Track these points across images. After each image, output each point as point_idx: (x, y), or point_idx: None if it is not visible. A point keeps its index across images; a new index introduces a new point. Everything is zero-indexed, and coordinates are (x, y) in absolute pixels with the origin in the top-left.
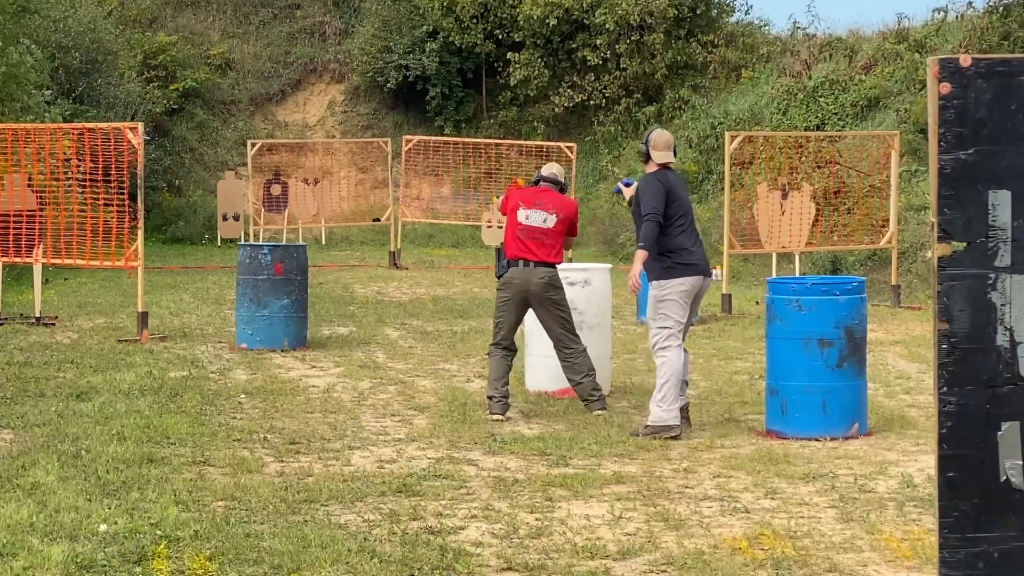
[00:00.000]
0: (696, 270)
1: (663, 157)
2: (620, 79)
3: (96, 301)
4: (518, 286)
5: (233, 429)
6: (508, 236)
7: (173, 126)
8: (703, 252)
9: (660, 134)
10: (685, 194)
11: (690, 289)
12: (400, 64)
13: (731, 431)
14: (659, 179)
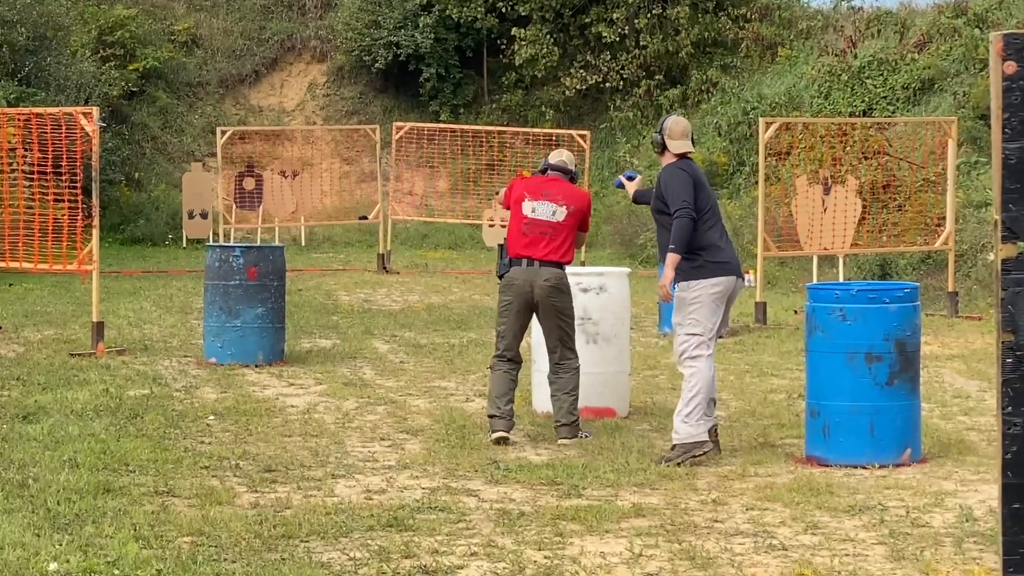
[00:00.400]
0: (729, 269)
1: (681, 147)
2: (639, 58)
3: (45, 310)
4: (520, 288)
5: (201, 455)
6: (511, 231)
7: (132, 111)
8: (734, 250)
9: (676, 121)
10: (709, 184)
11: (723, 291)
12: (390, 41)
13: (766, 457)
14: (683, 168)
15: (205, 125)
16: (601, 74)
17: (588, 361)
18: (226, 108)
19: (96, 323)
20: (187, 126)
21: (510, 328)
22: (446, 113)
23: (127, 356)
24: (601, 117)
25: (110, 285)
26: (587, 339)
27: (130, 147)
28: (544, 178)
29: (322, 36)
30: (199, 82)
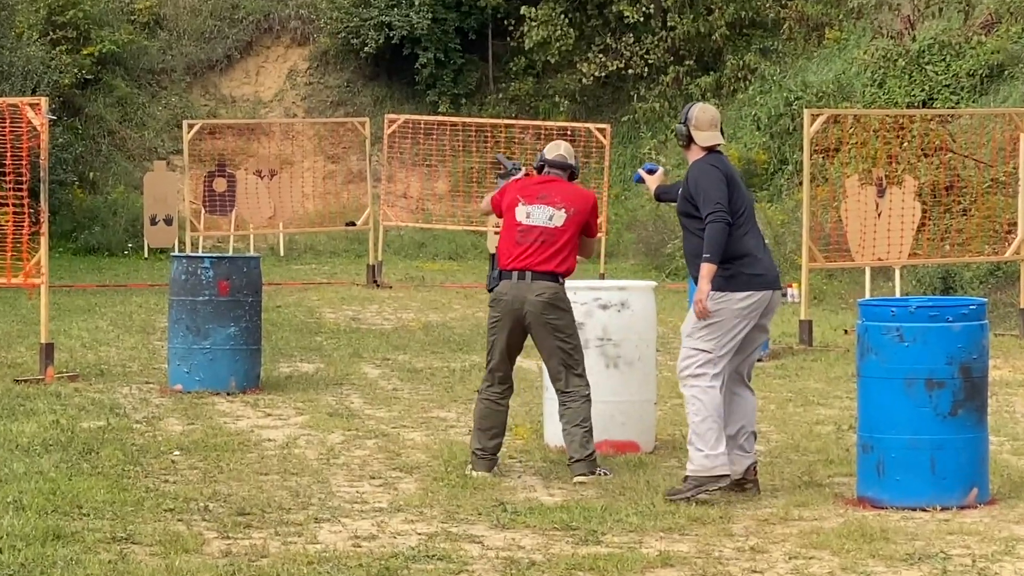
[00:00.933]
0: (764, 281)
1: (709, 138)
2: (667, 41)
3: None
4: (509, 304)
5: (164, 496)
6: (503, 240)
7: (86, 102)
8: (772, 260)
9: (703, 109)
10: (743, 184)
11: (755, 306)
12: (381, 21)
13: (812, 498)
14: (715, 164)
15: (170, 118)
16: (623, 59)
17: (608, 388)
18: (194, 99)
19: (45, 345)
20: (149, 119)
21: (499, 348)
22: (445, 104)
23: (80, 383)
24: (623, 108)
25: (61, 301)
26: (607, 363)
27: (84, 143)
28: (541, 179)
29: (303, 16)
30: (163, 69)
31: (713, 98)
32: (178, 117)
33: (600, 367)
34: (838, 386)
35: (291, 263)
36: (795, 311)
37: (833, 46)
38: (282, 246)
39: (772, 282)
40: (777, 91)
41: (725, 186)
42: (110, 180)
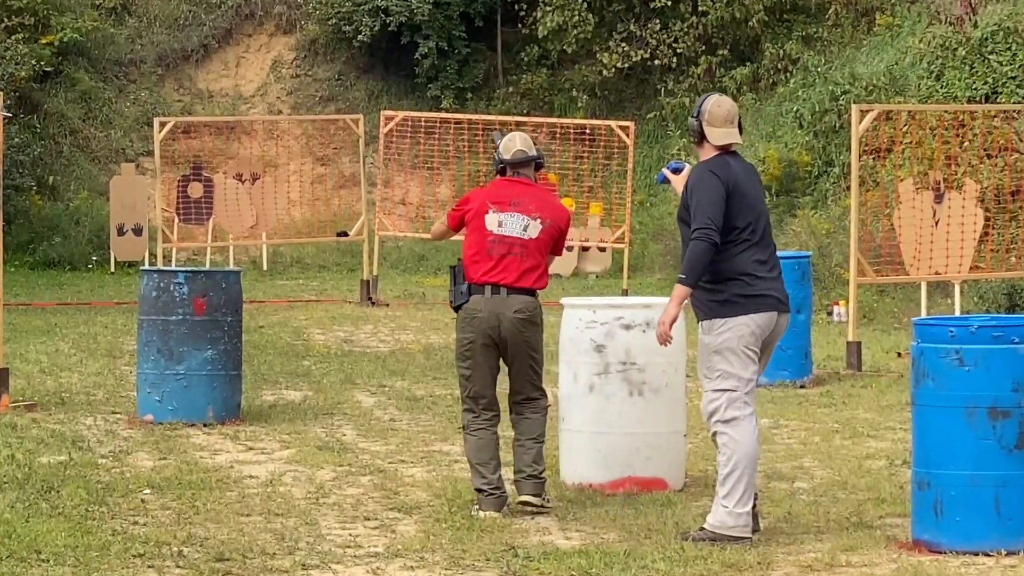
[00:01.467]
0: (766, 304)
1: (723, 136)
2: (698, 28)
3: None
4: (485, 322)
5: (133, 539)
6: (470, 251)
7: (45, 97)
8: (779, 277)
9: (718, 103)
10: (757, 191)
11: (757, 332)
12: (376, 7)
13: (861, 541)
14: (716, 171)
15: (139, 115)
16: (649, 49)
17: (632, 418)
18: (166, 93)
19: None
20: (116, 116)
21: (478, 372)
22: (449, 99)
23: (38, 412)
24: (648, 104)
25: (16, 321)
26: (631, 390)
27: (43, 143)
28: (510, 182)
29: (289, 1)
30: (131, 60)
31: (750, 92)
32: (148, 114)
33: (623, 394)
34: (891, 416)
35: (276, 278)
36: (842, 331)
37: (885, 33)
38: (265, 259)
39: (775, 304)
40: (822, 84)
41: (723, 199)
42: (72, 185)
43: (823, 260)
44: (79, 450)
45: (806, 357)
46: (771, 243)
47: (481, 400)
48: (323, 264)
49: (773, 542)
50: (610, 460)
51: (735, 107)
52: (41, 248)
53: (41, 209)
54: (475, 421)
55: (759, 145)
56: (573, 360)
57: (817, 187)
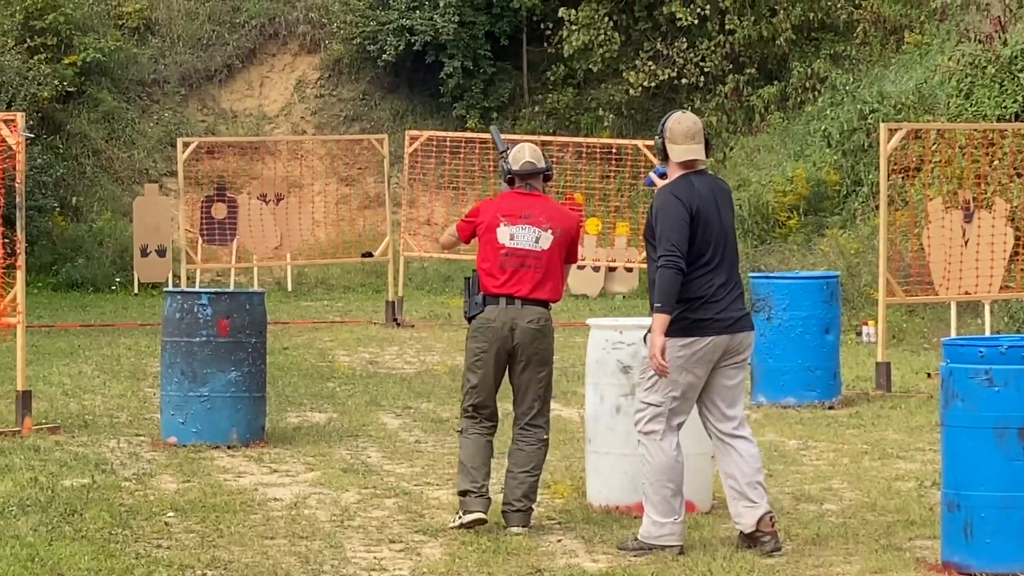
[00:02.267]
0: (716, 327)
1: (684, 153)
2: (725, 46)
3: None
4: (498, 332)
5: (157, 562)
6: (484, 264)
7: (68, 118)
8: (737, 300)
9: (678, 119)
10: (723, 211)
11: (701, 353)
12: (401, 25)
13: (891, 563)
14: (679, 195)
15: (163, 135)
16: (675, 67)
17: None
18: (190, 113)
19: (21, 392)
20: (139, 137)
21: (486, 381)
22: (474, 118)
23: (62, 435)
24: None
25: (40, 343)
26: None
27: (66, 164)
28: (520, 195)
29: (313, 20)
30: (155, 80)
31: (778, 111)
32: (172, 134)
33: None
34: (920, 437)
35: (300, 299)
36: (871, 352)
37: (913, 52)
38: (290, 280)
39: (725, 327)
40: (850, 103)
41: (687, 224)
42: (95, 206)
43: (852, 280)
44: (102, 473)
45: (835, 378)
46: (733, 264)
47: (483, 410)
48: (348, 285)
49: (802, 564)
50: (637, 482)
51: (698, 124)
52: (64, 269)
53: (64, 230)
54: (474, 426)
55: (787, 164)
56: (599, 381)
57: (846, 206)
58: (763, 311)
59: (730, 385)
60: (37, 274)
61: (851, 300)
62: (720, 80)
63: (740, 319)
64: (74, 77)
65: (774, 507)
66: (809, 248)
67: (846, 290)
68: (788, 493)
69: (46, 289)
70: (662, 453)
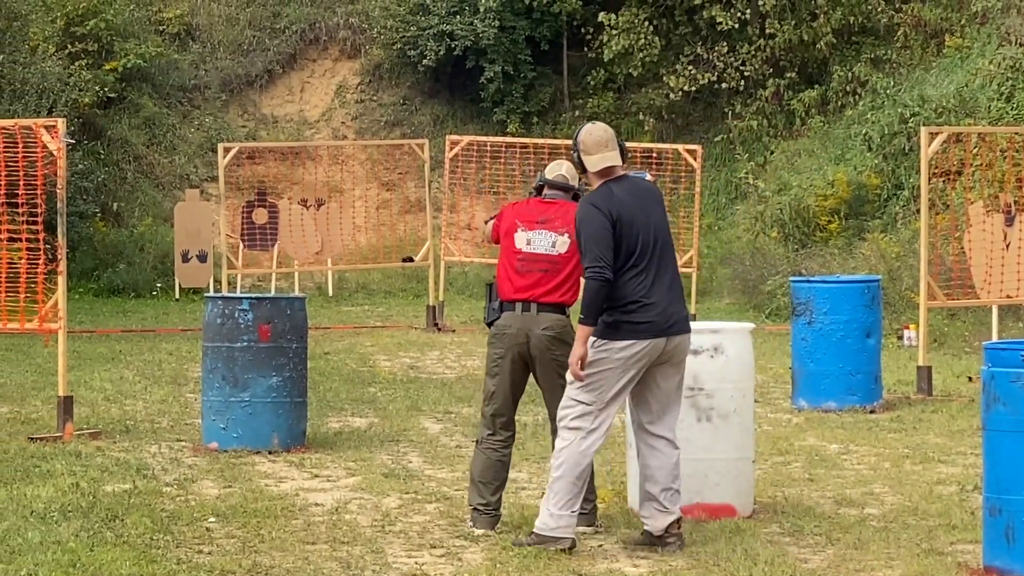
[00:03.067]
0: (651, 330)
1: (598, 162)
2: (766, 51)
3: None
4: (514, 338)
5: (198, 568)
6: (502, 269)
7: (109, 123)
8: (674, 301)
9: (589, 130)
10: (650, 212)
11: (638, 356)
12: (442, 31)
13: (932, 568)
14: (599, 205)
15: (204, 141)
16: (716, 72)
17: (700, 444)
18: (230, 119)
19: (63, 398)
20: (180, 142)
21: (502, 387)
22: (515, 123)
23: (103, 440)
24: (716, 127)
25: (81, 349)
26: (698, 415)
27: (107, 170)
28: (540, 202)
29: (354, 26)
30: (195, 86)
31: (819, 115)
32: (213, 140)
33: (690, 420)
34: (962, 441)
35: (341, 304)
36: (912, 356)
37: (954, 55)
38: (331, 285)
39: (663, 330)
40: (891, 106)
41: (609, 234)
42: (136, 211)
43: (893, 284)
44: (144, 478)
45: (876, 382)
46: (666, 264)
47: (499, 419)
48: (389, 290)
49: (843, 568)
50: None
51: (608, 131)
52: (105, 275)
53: (105, 236)
54: (489, 439)
55: (828, 168)
56: None
57: (886, 210)
58: (804, 315)
59: (664, 386)
60: (79, 280)
61: (892, 304)
62: (760, 84)
63: (676, 322)
64: (115, 83)
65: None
66: (850, 252)
67: (887, 294)
68: (829, 497)
69: (87, 295)
70: (582, 450)
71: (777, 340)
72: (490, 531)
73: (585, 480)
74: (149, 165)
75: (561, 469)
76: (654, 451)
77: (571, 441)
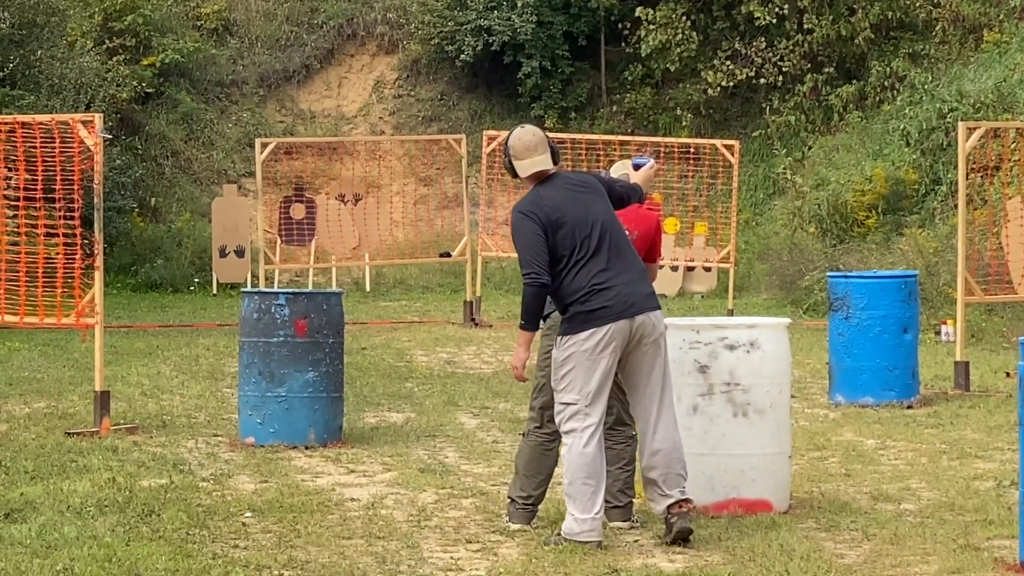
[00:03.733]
0: (609, 313)
1: (528, 167)
2: (804, 46)
3: (34, 376)
4: None
5: (234, 563)
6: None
7: (147, 119)
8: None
9: (518, 135)
10: (586, 203)
11: (605, 341)
12: (479, 26)
13: (968, 563)
14: (527, 212)
15: (241, 136)
16: (754, 67)
17: (736, 440)
18: (268, 114)
19: (100, 393)
20: (218, 137)
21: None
22: (553, 118)
23: (140, 435)
24: (754, 122)
25: (119, 344)
26: (734, 411)
27: (144, 165)
28: None
29: (391, 21)
30: (233, 81)
31: (856, 110)
32: (250, 135)
33: (727, 416)
34: (999, 436)
35: (378, 299)
36: (950, 351)
37: (992, 50)
38: (368, 280)
39: (622, 311)
40: (929, 101)
41: (541, 238)
42: (174, 207)
43: (931, 279)
44: (180, 473)
45: (913, 377)
46: (619, 247)
47: (548, 411)
48: (426, 285)
49: (879, 564)
50: (715, 482)
51: (538, 134)
52: (143, 270)
53: (143, 231)
54: (536, 431)
55: (866, 163)
56: (677, 381)
57: (924, 205)
58: (841, 310)
59: (646, 368)
60: (116, 275)
61: (930, 299)
62: (798, 79)
63: (636, 302)
64: (153, 78)
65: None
66: (888, 247)
67: (925, 289)
68: (866, 492)
69: (125, 290)
70: (585, 448)
71: (814, 335)
72: (526, 526)
73: (599, 480)
74: (187, 160)
75: (569, 474)
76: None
77: (570, 444)
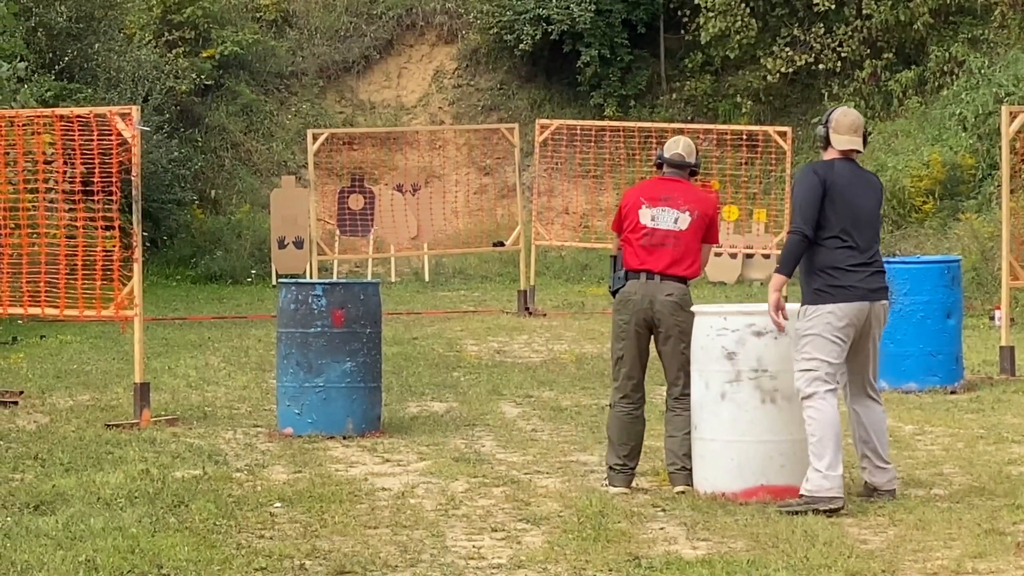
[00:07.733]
0: (854, 294)
1: (845, 143)
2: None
3: (83, 368)
4: (638, 304)
5: (257, 552)
6: (628, 243)
7: (206, 111)
8: (874, 273)
9: (845, 112)
10: (865, 198)
11: (843, 320)
12: (538, 15)
13: (991, 548)
14: (818, 171)
15: (301, 127)
16: (812, 53)
17: (765, 426)
18: (327, 105)
19: (139, 385)
20: (277, 129)
21: (629, 351)
22: (612, 106)
23: (179, 427)
24: (813, 108)
25: (172, 336)
26: (763, 397)
27: (204, 157)
28: (661, 180)
29: (450, 11)
30: (292, 72)
31: (916, 95)
32: (310, 126)
33: (755, 402)
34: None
35: (437, 289)
36: (996, 336)
37: None
38: (427, 270)
39: (864, 295)
40: (986, 87)
41: (818, 197)
42: (234, 198)
43: (986, 264)
44: (214, 464)
45: (957, 362)
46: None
47: (630, 381)
48: (485, 275)
49: (902, 549)
50: (743, 468)
51: (861, 121)
52: (203, 262)
53: (203, 223)
54: (621, 401)
55: (924, 149)
56: (705, 368)
57: (981, 190)
58: None
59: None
60: (176, 267)
61: (984, 284)
62: (857, 65)
63: (878, 290)
64: (212, 70)
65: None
66: (944, 233)
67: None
68: (898, 478)
69: (184, 282)
70: (828, 410)
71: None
72: (626, 489)
73: (840, 440)
74: (246, 152)
75: (816, 433)
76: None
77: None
